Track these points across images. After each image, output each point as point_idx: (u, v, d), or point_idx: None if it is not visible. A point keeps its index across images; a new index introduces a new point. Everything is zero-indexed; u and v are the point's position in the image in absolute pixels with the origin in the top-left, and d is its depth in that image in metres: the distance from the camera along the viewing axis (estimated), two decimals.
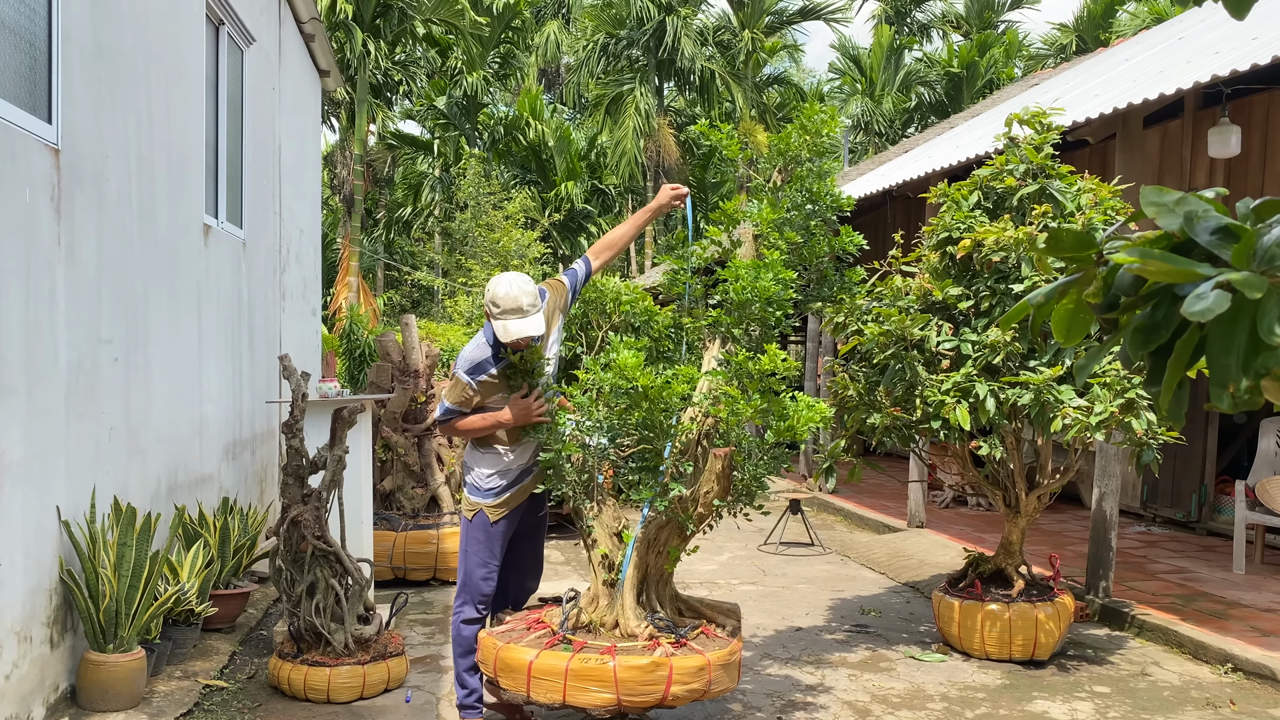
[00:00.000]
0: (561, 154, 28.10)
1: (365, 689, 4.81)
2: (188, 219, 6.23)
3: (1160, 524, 9.07)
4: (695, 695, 3.83)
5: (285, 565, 4.87)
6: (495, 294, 3.98)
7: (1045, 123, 5.42)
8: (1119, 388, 4.88)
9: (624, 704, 3.74)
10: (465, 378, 4.08)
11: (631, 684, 3.72)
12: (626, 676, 3.71)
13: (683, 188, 4.43)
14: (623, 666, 3.72)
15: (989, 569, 5.77)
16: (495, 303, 3.97)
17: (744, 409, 3.73)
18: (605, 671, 3.71)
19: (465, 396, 4.09)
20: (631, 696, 3.72)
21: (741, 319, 4.13)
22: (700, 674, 3.81)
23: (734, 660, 4.00)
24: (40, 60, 4.26)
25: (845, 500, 10.56)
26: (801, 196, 4.54)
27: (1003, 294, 5.17)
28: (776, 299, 4.05)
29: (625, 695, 3.72)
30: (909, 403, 5.22)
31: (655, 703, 3.77)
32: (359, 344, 13.96)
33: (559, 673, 3.76)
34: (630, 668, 3.72)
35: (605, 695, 3.72)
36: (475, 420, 4.09)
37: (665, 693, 3.74)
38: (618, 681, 3.70)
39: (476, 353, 4.10)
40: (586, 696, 3.74)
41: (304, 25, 9.79)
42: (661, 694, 3.74)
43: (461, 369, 4.10)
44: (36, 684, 4.16)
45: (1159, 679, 5.28)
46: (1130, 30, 24.36)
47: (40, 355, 4.17)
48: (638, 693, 3.73)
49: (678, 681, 3.75)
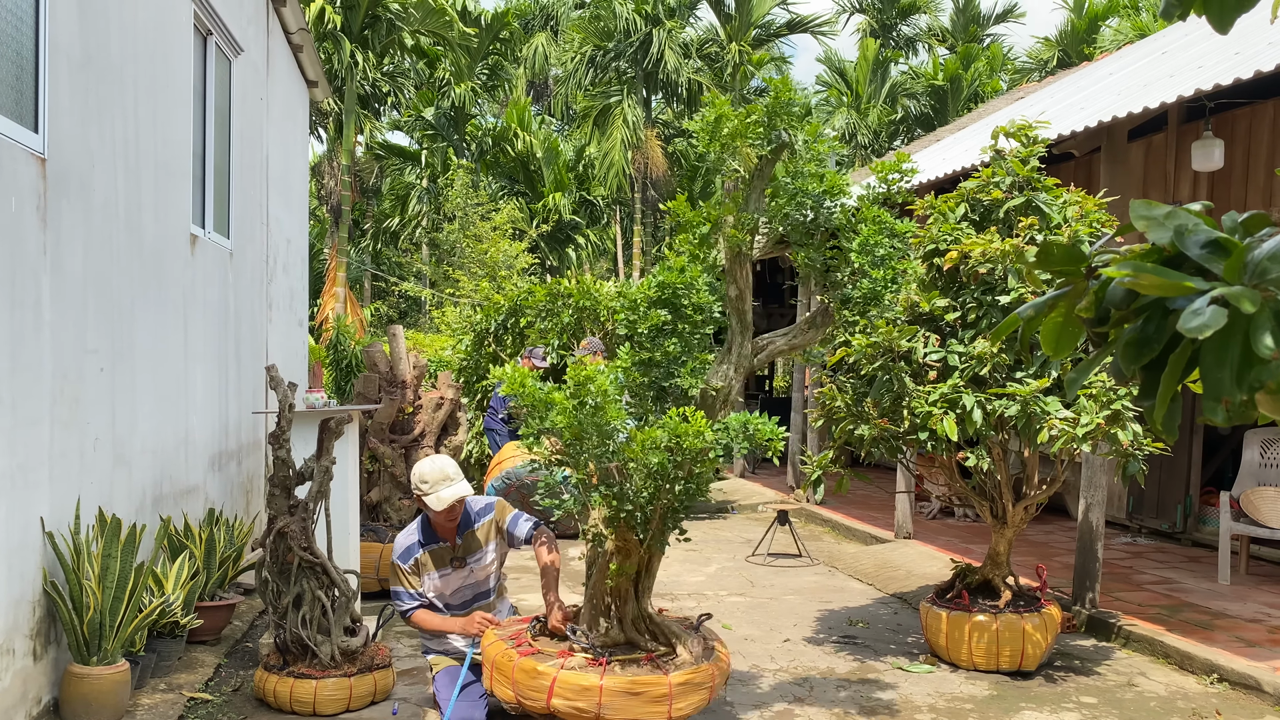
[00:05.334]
0: (549, 165, 28.14)
1: (352, 701, 4.78)
2: (174, 229, 6.21)
3: (1146, 535, 9.11)
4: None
5: (271, 576, 4.84)
6: (422, 473, 4.49)
7: (1031, 136, 5.46)
8: (1105, 399, 4.91)
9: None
10: (400, 563, 4.57)
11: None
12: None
13: (485, 626, 4.44)
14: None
15: (976, 580, 5.78)
16: (424, 479, 4.46)
17: (641, 454, 3.73)
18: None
19: (404, 580, 4.57)
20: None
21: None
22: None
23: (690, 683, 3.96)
24: (27, 69, 4.25)
25: (832, 511, 10.57)
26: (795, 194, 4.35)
27: (989, 305, 5.20)
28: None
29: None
30: (896, 414, 5.23)
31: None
32: (346, 355, 13.93)
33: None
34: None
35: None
36: (431, 621, 4.56)
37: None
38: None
39: (406, 539, 4.61)
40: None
41: (292, 36, 9.78)
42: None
43: (395, 556, 4.59)
44: (19, 697, 4.12)
45: (1145, 689, 5.30)
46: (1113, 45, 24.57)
47: (25, 365, 4.14)
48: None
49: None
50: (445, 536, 4.62)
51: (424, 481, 4.47)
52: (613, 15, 26.28)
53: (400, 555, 4.58)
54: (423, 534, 4.60)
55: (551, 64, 30.69)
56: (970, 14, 31.34)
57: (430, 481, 4.46)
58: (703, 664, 3.98)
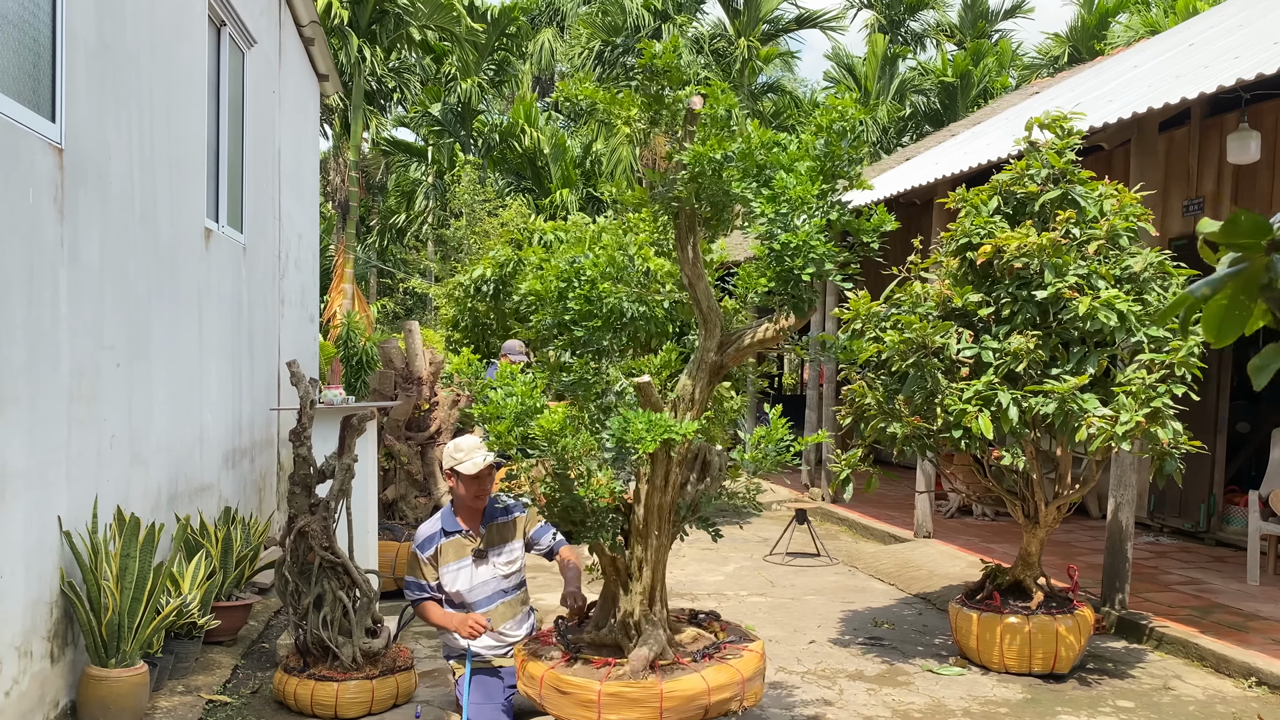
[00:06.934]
0: (556, 161, 27.99)
1: (374, 704, 4.67)
2: (189, 222, 6.10)
3: (1168, 534, 8.99)
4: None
5: (292, 577, 4.74)
6: (458, 444, 4.59)
7: (1066, 127, 5.34)
8: (1144, 396, 4.79)
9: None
10: (418, 552, 4.58)
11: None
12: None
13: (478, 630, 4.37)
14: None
15: (1007, 581, 5.67)
16: (459, 449, 4.55)
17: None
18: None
19: (419, 570, 4.56)
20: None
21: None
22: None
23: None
24: (44, 56, 4.14)
25: (849, 510, 10.45)
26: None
27: (1024, 300, 5.08)
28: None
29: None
30: (929, 411, 5.12)
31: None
32: (356, 351, 13.82)
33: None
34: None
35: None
36: (433, 613, 4.55)
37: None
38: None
39: (428, 529, 4.64)
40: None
41: (304, 29, 9.68)
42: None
43: (415, 545, 4.61)
44: (36, 701, 4.02)
45: (1183, 693, 5.18)
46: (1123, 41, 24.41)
47: (43, 361, 4.04)
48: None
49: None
50: (469, 524, 4.57)
51: (459, 450, 4.55)
52: (620, 10, 26.14)
53: (420, 544, 4.60)
54: (445, 522, 4.62)
55: (558, 60, 30.56)
56: (978, 10, 31.16)
57: (465, 449, 4.54)
58: (648, 677, 3.59)
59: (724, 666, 3.71)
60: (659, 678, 3.58)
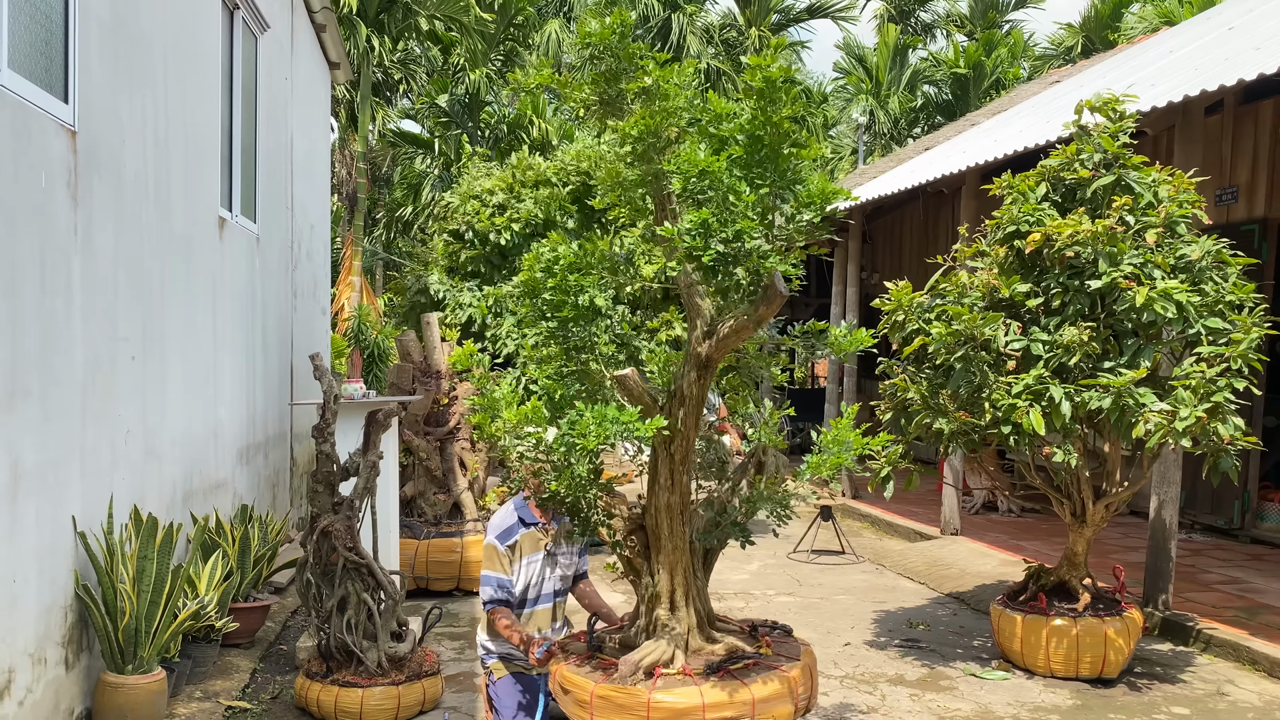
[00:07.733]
0: None
1: (400, 711, 4.49)
2: (204, 211, 5.91)
3: (1201, 531, 8.78)
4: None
5: (314, 578, 4.55)
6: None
7: (1119, 110, 5.12)
8: (1204, 391, 4.58)
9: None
10: (498, 544, 4.21)
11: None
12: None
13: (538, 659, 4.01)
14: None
15: (1051, 581, 5.47)
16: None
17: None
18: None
19: (499, 564, 4.20)
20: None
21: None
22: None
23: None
24: (56, 33, 3.94)
25: (872, 506, 10.25)
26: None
27: (1076, 291, 4.87)
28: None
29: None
30: (976, 406, 4.91)
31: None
32: (367, 344, 13.61)
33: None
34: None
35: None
36: (502, 622, 4.17)
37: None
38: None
39: (505, 519, 4.28)
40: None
41: (315, 15, 9.47)
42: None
43: (493, 536, 4.24)
44: (51, 709, 3.83)
45: (1238, 699, 4.99)
46: (1138, 31, 24.11)
47: (55, 353, 3.85)
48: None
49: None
50: (543, 516, 4.30)
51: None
52: (629, 0, 25.87)
53: (499, 536, 4.22)
54: (522, 513, 4.29)
55: (565, 50, 30.30)
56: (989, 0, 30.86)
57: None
58: (638, 683, 3.42)
59: (732, 684, 3.48)
60: (652, 686, 3.40)
